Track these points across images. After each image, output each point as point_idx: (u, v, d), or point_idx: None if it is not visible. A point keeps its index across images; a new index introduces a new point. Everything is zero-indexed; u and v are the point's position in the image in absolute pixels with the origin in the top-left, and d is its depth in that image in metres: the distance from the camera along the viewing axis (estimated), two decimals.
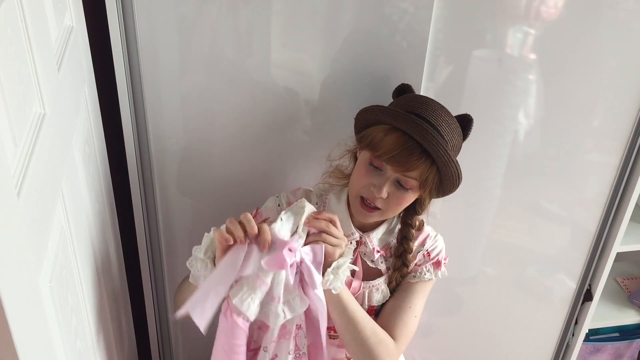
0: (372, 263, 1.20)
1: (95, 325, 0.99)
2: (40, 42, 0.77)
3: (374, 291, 1.20)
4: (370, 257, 1.20)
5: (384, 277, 1.22)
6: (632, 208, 1.52)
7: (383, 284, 1.21)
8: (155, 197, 1.34)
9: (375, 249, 1.20)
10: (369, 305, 1.21)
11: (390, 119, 1.06)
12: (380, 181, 1.08)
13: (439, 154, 1.04)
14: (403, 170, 1.06)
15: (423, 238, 1.24)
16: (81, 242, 0.92)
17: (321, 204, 1.22)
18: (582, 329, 1.73)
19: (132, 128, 1.25)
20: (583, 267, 1.63)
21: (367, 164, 1.10)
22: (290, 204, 1.14)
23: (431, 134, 1.03)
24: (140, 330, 1.53)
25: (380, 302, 1.21)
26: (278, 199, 1.22)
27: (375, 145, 1.07)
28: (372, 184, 1.09)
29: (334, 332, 1.21)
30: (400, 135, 1.05)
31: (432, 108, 1.09)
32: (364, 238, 1.19)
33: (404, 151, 1.05)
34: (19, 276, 0.56)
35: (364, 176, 1.10)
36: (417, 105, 1.09)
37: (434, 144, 1.03)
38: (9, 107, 0.61)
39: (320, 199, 1.23)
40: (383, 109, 1.08)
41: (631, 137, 1.43)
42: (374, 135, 1.08)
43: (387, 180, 1.08)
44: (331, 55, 1.24)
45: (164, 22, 1.15)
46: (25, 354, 0.54)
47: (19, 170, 0.63)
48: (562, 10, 1.27)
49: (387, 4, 1.19)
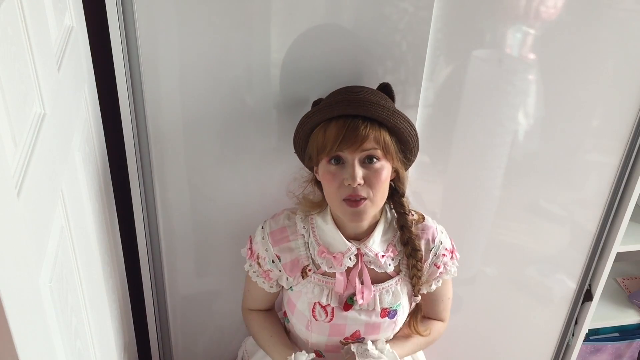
0: (379, 268, 1.20)
1: (95, 325, 0.99)
2: (40, 42, 0.77)
3: (384, 293, 1.21)
4: (376, 264, 1.19)
5: (395, 279, 1.21)
6: (632, 208, 1.52)
7: (394, 286, 1.21)
8: (155, 197, 1.34)
9: (378, 254, 1.19)
10: (381, 308, 1.20)
11: (320, 116, 1.09)
12: (348, 171, 1.08)
13: (378, 111, 1.06)
14: (359, 146, 1.06)
15: (432, 234, 1.23)
16: (81, 242, 0.92)
17: (308, 226, 1.21)
18: (582, 329, 1.73)
19: (132, 128, 1.25)
20: (583, 267, 1.63)
21: (328, 167, 1.10)
22: (274, 234, 1.20)
23: (361, 100, 1.07)
24: (140, 330, 1.53)
25: (392, 304, 1.21)
26: (263, 230, 1.22)
27: (322, 146, 1.09)
28: (344, 179, 1.08)
29: (352, 340, 1.23)
30: (335, 121, 1.08)
31: (349, 88, 1.14)
32: (362, 249, 1.18)
33: (349, 130, 1.06)
34: (19, 276, 0.56)
35: (333, 179, 1.10)
36: (336, 93, 1.13)
37: (368, 106, 1.06)
38: (9, 107, 0.60)
39: (306, 222, 1.21)
40: (308, 115, 1.12)
41: (631, 137, 1.43)
42: (315, 141, 1.11)
43: (353, 165, 1.07)
44: (331, 55, 1.24)
45: (164, 22, 1.15)
46: (25, 354, 0.54)
47: (19, 170, 0.63)
48: (562, 10, 1.27)
49: (387, 4, 1.19)
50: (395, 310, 1.22)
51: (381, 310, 1.21)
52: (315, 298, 1.19)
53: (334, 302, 1.19)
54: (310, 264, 1.20)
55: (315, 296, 1.19)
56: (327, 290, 1.19)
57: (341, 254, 1.17)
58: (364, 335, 1.23)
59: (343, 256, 1.17)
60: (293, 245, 1.20)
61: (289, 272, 1.20)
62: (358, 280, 1.18)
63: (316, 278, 1.20)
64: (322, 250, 1.18)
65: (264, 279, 1.24)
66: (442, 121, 1.36)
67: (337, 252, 1.18)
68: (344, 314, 1.20)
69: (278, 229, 1.21)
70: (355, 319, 1.20)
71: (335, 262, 1.17)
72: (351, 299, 1.19)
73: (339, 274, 1.18)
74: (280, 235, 1.21)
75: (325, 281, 1.20)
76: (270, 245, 1.20)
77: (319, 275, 1.20)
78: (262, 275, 1.23)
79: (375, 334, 1.23)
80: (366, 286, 1.19)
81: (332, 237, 1.19)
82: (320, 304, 1.19)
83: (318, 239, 1.20)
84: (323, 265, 1.18)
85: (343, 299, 1.20)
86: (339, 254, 1.17)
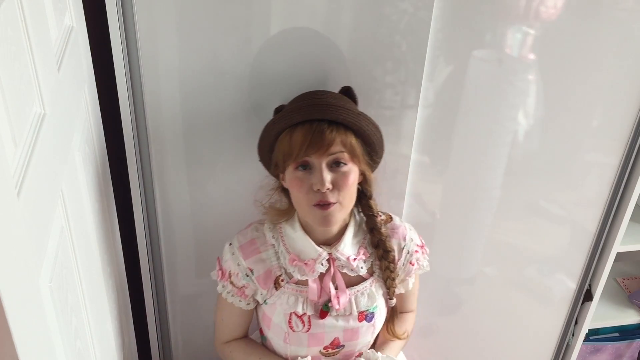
0: (352, 272, 1.19)
1: (95, 325, 0.99)
2: (40, 42, 0.77)
3: (359, 296, 1.20)
4: (348, 267, 1.18)
5: (369, 281, 1.21)
6: (632, 208, 1.52)
7: (369, 287, 1.21)
8: (155, 197, 1.34)
9: (350, 257, 1.18)
10: (358, 312, 1.19)
11: (285, 122, 1.08)
12: (316, 175, 1.07)
13: (343, 114, 1.06)
14: (326, 150, 1.06)
15: (402, 232, 1.24)
16: (81, 242, 0.92)
17: (277, 235, 1.20)
18: (582, 329, 1.73)
19: (132, 128, 1.25)
20: (583, 267, 1.63)
21: (295, 173, 1.09)
22: (244, 247, 1.18)
23: (325, 104, 1.07)
24: (140, 330, 1.53)
25: (368, 306, 1.20)
26: (232, 246, 1.20)
27: (289, 153, 1.08)
28: (312, 184, 1.07)
29: (332, 348, 1.22)
30: (301, 127, 1.07)
31: (312, 93, 1.13)
32: (333, 254, 1.17)
33: (315, 134, 1.06)
34: (19, 276, 0.56)
35: (301, 185, 1.08)
36: (299, 99, 1.13)
37: (333, 109, 1.06)
38: (9, 107, 0.61)
39: (275, 232, 1.20)
40: (273, 122, 1.11)
41: (631, 137, 1.43)
42: (281, 148, 1.09)
43: (321, 170, 1.07)
44: (331, 55, 1.24)
45: (164, 22, 1.15)
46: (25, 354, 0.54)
47: (19, 170, 0.63)
48: (562, 10, 1.27)
49: (387, 4, 1.19)
50: (372, 312, 1.21)
51: (358, 314, 1.19)
52: (290, 308, 1.17)
53: (310, 311, 1.17)
54: (282, 273, 1.18)
55: (291, 306, 1.17)
56: (302, 299, 1.17)
57: (312, 260, 1.16)
58: (343, 342, 1.21)
59: (314, 262, 1.16)
60: (264, 256, 1.18)
61: (262, 284, 1.18)
62: (332, 285, 1.17)
63: (290, 288, 1.18)
64: (293, 258, 1.17)
65: (240, 297, 1.20)
66: (442, 121, 1.36)
67: (308, 259, 1.16)
68: (321, 322, 1.18)
69: (247, 242, 1.19)
70: (333, 326, 1.19)
71: (307, 269, 1.16)
72: (326, 306, 1.18)
73: (311, 281, 1.16)
74: (251, 248, 1.19)
75: (299, 290, 1.18)
76: (241, 259, 1.18)
77: (292, 285, 1.18)
78: (237, 294, 1.20)
79: (354, 339, 1.22)
80: (341, 291, 1.17)
81: (302, 244, 1.17)
82: (296, 314, 1.17)
83: (288, 248, 1.18)
84: (295, 274, 1.16)
85: (318, 306, 1.18)
86: (310, 260, 1.16)
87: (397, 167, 1.39)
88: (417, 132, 1.35)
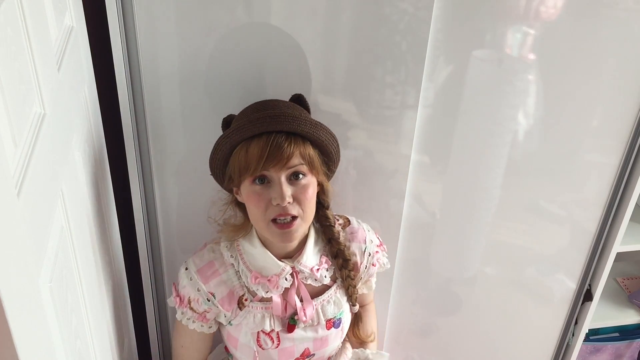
0: (316, 282, 1.17)
1: (95, 325, 0.99)
2: (40, 42, 0.77)
3: (325, 305, 1.19)
4: (312, 278, 1.17)
5: (333, 288, 1.20)
6: (632, 208, 1.52)
7: (334, 295, 1.20)
8: (155, 197, 1.34)
9: (313, 268, 1.16)
10: (326, 320, 1.18)
11: (240, 134, 1.03)
12: (275, 190, 1.03)
13: (301, 125, 1.02)
14: (285, 163, 1.02)
15: (362, 235, 1.23)
16: (81, 242, 0.92)
17: (235, 254, 1.15)
18: (582, 329, 1.73)
19: (132, 127, 1.25)
20: (583, 267, 1.63)
21: (253, 188, 1.05)
22: (202, 270, 1.14)
23: (282, 115, 1.02)
24: (140, 330, 1.53)
25: (335, 313, 1.19)
26: (188, 271, 1.15)
27: (245, 167, 1.03)
28: (272, 198, 1.03)
29: (302, 359, 1.21)
30: (257, 139, 1.02)
31: (265, 103, 1.09)
32: (297, 267, 1.15)
33: (272, 147, 1.01)
34: (19, 276, 0.56)
35: (260, 199, 1.04)
36: (252, 109, 1.08)
37: (291, 120, 1.02)
38: (9, 107, 0.61)
39: (232, 250, 1.16)
40: (227, 135, 1.04)
41: (631, 137, 1.43)
42: (237, 161, 1.04)
43: (280, 183, 1.03)
44: (331, 55, 1.24)
45: (164, 22, 1.15)
46: (25, 354, 0.54)
47: (19, 170, 0.63)
48: (562, 10, 1.27)
49: (387, 4, 1.19)
50: (340, 318, 1.21)
51: (326, 322, 1.18)
52: (257, 327, 1.14)
53: (278, 327, 1.15)
54: (245, 292, 1.15)
55: (257, 325, 1.14)
56: (268, 316, 1.14)
57: (276, 276, 1.13)
58: (313, 352, 1.20)
59: (278, 278, 1.13)
60: (224, 277, 1.14)
61: (226, 306, 1.14)
62: (297, 298, 1.15)
63: (254, 306, 1.14)
64: (255, 275, 1.13)
65: (202, 322, 1.16)
66: (442, 121, 1.36)
67: (271, 275, 1.13)
68: (289, 336, 1.16)
69: (205, 265, 1.14)
70: (302, 338, 1.17)
71: (271, 285, 1.12)
72: (293, 319, 1.15)
73: (275, 296, 1.13)
74: (210, 271, 1.14)
75: (265, 307, 1.15)
76: (201, 283, 1.13)
77: (257, 303, 1.14)
78: (198, 320, 1.16)
79: (324, 347, 1.21)
80: (306, 302, 1.16)
81: (263, 260, 1.13)
82: (264, 332, 1.15)
83: (249, 265, 1.14)
84: (259, 292, 1.13)
85: (285, 321, 1.16)
86: (273, 276, 1.13)
87: (397, 167, 1.39)
88: (417, 132, 1.35)
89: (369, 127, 1.33)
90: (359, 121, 1.32)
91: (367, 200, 1.42)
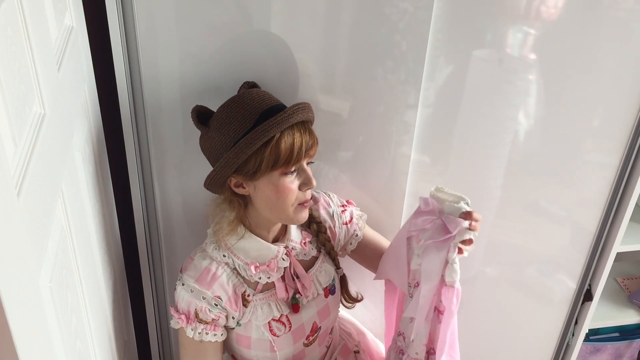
0: (306, 256, 1.22)
1: (95, 325, 0.99)
2: (40, 42, 0.77)
3: (318, 275, 1.23)
4: (303, 253, 1.21)
5: (320, 258, 1.25)
6: (632, 208, 1.52)
7: (323, 264, 1.24)
8: (155, 197, 1.34)
9: (301, 242, 1.21)
10: (323, 288, 1.23)
11: (279, 127, 1.02)
12: (304, 176, 1.09)
13: (311, 112, 1.08)
14: (312, 152, 1.09)
15: (324, 200, 1.27)
16: (81, 242, 0.92)
17: (227, 252, 1.15)
18: (582, 329, 1.73)
19: (132, 128, 1.25)
20: (583, 267, 1.63)
21: (285, 179, 1.06)
22: (201, 279, 1.13)
23: (304, 107, 1.06)
24: (140, 330, 1.53)
25: (329, 281, 1.24)
26: (185, 286, 1.13)
27: (284, 159, 1.04)
28: (301, 185, 1.09)
29: (312, 335, 1.23)
30: (290, 131, 1.04)
31: (262, 97, 1.09)
32: (289, 245, 1.19)
33: (307, 136, 1.06)
34: (19, 276, 0.56)
35: (291, 189, 1.07)
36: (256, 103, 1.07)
37: (309, 110, 1.07)
38: (9, 107, 0.61)
39: (222, 250, 1.15)
40: (265, 129, 1.02)
41: (631, 137, 1.43)
42: (273, 154, 1.03)
43: (305, 170, 1.09)
44: (331, 55, 1.24)
45: (164, 22, 1.15)
46: (25, 354, 0.54)
47: (19, 170, 0.63)
48: (562, 10, 1.27)
49: (387, 4, 1.19)
50: (333, 284, 1.26)
51: (324, 290, 1.23)
52: (267, 317, 1.16)
53: (285, 310, 1.18)
54: (246, 288, 1.16)
55: (267, 315, 1.16)
56: (274, 304, 1.17)
57: (273, 259, 1.16)
58: (320, 324, 1.24)
59: (276, 260, 1.16)
60: (224, 278, 1.14)
61: (233, 307, 1.15)
62: (293, 276, 1.19)
63: (258, 299, 1.16)
64: (254, 265, 1.14)
65: (214, 332, 1.15)
66: (442, 121, 1.36)
67: (269, 260, 1.16)
68: (298, 316, 1.19)
69: (202, 273, 1.13)
70: (309, 313, 1.21)
71: (271, 269, 1.15)
72: (295, 299, 1.19)
73: (277, 281, 1.17)
74: (208, 276, 1.13)
75: (268, 295, 1.17)
76: (204, 291, 1.12)
77: (259, 295, 1.16)
78: (210, 330, 1.14)
79: (327, 316, 1.25)
80: (303, 278, 1.20)
81: (257, 249, 1.15)
82: (275, 320, 1.17)
83: (243, 259, 1.15)
84: (262, 279, 1.15)
85: (289, 303, 1.19)
86: (271, 260, 1.16)
87: (397, 167, 1.39)
88: (417, 132, 1.35)
89: (369, 127, 1.33)
90: (359, 121, 1.32)
91: (367, 200, 1.42)
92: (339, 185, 1.39)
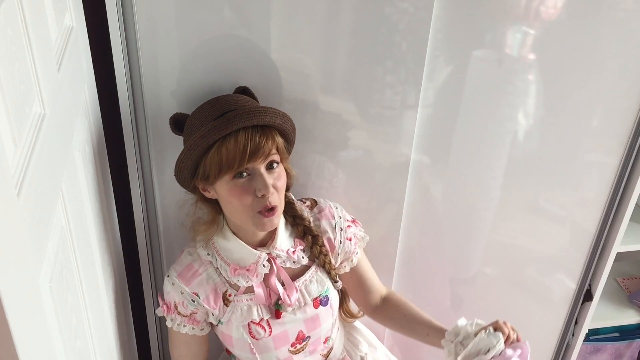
0: (294, 264, 1.20)
1: (95, 325, 0.99)
2: (40, 42, 0.77)
3: (308, 284, 1.21)
4: (291, 261, 1.19)
5: (313, 267, 1.22)
6: (632, 208, 1.52)
7: (315, 274, 1.22)
8: (155, 196, 1.34)
9: (289, 251, 1.19)
10: (312, 299, 1.20)
11: (218, 132, 1.03)
12: (258, 181, 1.06)
13: (273, 117, 1.06)
14: (264, 156, 1.06)
15: (329, 212, 1.25)
16: (81, 242, 0.92)
17: (212, 252, 1.17)
18: (582, 329, 1.73)
19: (132, 128, 1.25)
20: (583, 267, 1.63)
21: (234, 183, 1.07)
22: (183, 274, 1.16)
23: (255, 111, 1.05)
24: (140, 330, 1.53)
25: (320, 292, 1.21)
26: (169, 278, 1.17)
27: (227, 163, 1.04)
28: (256, 190, 1.06)
29: (299, 343, 1.22)
30: (234, 136, 1.04)
31: (228, 100, 1.10)
32: (272, 252, 1.17)
33: (253, 142, 1.04)
34: (19, 276, 0.56)
35: (243, 193, 1.06)
36: (215, 108, 1.08)
37: (264, 114, 1.05)
38: (9, 107, 0.61)
39: (209, 248, 1.18)
40: (202, 135, 1.03)
41: (631, 137, 1.43)
42: (215, 159, 1.05)
43: (261, 174, 1.06)
44: (331, 55, 1.24)
45: (164, 22, 1.15)
46: (25, 354, 0.54)
47: (19, 170, 0.63)
48: (562, 10, 1.27)
49: (387, 4, 1.19)
50: (326, 295, 1.22)
51: (312, 301, 1.20)
52: (246, 319, 1.17)
53: (266, 315, 1.18)
54: (228, 288, 1.17)
55: (246, 317, 1.17)
56: (254, 306, 1.17)
57: (254, 264, 1.16)
58: (308, 334, 1.22)
59: (256, 266, 1.16)
60: (205, 276, 1.17)
61: (212, 305, 1.17)
62: (278, 283, 1.17)
63: (239, 299, 1.17)
64: (234, 267, 1.16)
65: (192, 325, 1.19)
66: (442, 121, 1.36)
67: (249, 265, 1.16)
68: (279, 321, 1.18)
69: (185, 268, 1.17)
70: (292, 321, 1.19)
71: (250, 274, 1.15)
72: (278, 305, 1.18)
73: (256, 286, 1.16)
74: (189, 273, 1.17)
75: (250, 298, 1.17)
76: (183, 286, 1.16)
77: (241, 296, 1.17)
78: (188, 323, 1.19)
79: (317, 327, 1.22)
80: (288, 286, 1.18)
81: (238, 252, 1.16)
82: (254, 322, 1.17)
83: (226, 260, 1.17)
84: (240, 283, 1.15)
85: (272, 308, 1.18)
86: (251, 265, 1.16)
87: (397, 167, 1.39)
88: (417, 132, 1.35)
89: (369, 127, 1.33)
90: (359, 121, 1.32)
91: (367, 200, 1.42)
92: (338, 185, 1.39)
